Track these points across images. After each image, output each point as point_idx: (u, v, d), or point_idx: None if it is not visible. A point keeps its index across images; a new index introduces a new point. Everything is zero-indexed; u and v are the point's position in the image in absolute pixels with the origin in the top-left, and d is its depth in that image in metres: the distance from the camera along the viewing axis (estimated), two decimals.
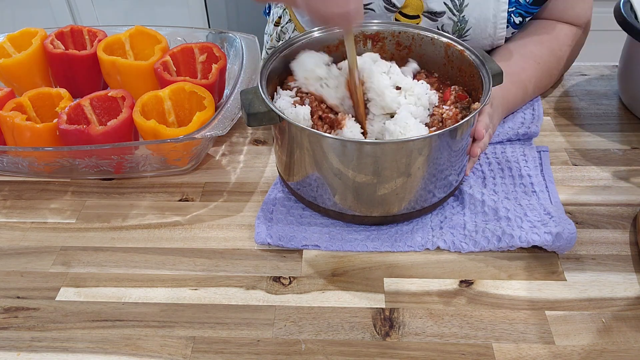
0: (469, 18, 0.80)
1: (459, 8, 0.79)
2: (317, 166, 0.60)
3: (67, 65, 0.81)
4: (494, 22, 0.80)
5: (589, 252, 0.62)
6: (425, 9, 0.80)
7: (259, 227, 0.64)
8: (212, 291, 0.59)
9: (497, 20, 0.80)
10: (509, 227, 0.61)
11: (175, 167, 0.74)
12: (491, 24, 0.80)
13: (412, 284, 0.59)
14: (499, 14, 0.79)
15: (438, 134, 0.56)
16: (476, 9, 0.79)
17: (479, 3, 0.79)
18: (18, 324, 0.57)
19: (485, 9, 0.79)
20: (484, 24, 0.80)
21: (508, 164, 0.71)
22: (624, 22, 0.75)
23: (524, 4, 0.81)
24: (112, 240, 0.66)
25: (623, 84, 0.84)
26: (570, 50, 0.86)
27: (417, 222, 0.65)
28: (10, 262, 0.63)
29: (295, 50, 0.69)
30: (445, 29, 0.81)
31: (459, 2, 0.78)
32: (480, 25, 0.80)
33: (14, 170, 0.74)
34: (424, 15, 0.81)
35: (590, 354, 0.52)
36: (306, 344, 0.54)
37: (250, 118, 0.58)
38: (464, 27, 0.80)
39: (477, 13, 0.79)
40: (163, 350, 0.54)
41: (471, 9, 0.79)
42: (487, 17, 0.79)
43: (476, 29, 0.81)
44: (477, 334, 0.54)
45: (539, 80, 0.82)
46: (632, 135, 0.79)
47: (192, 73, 0.82)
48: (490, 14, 0.79)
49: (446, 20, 0.80)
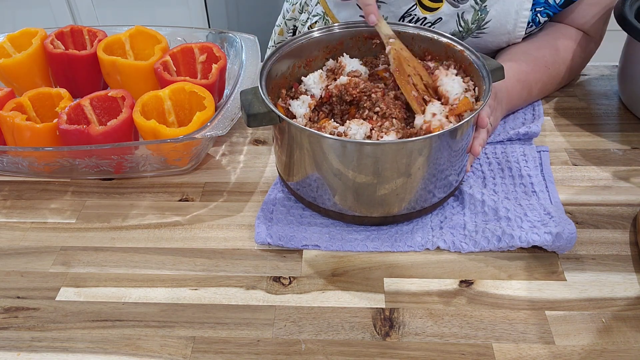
0: (490, 9, 0.79)
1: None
2: (317, 166, 0.59)
3: (67, 65, 0.81)
4: (515, 19, 0.79)
5: (589, 252, 0.62)
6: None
7: (259, 227, 0.64)
8: (212, 291, 0.59)
9: (518, 18, 0.79)
10: (509, 227, 0.61)
11: (175, 167, 0.74)
12: (512, 20, 0.79)
13: (412, 284, 0.59)
14: (521, 12, 0.78)
15: (438, 134, 0.56)
16: (499, 1, 0.78)
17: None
18: (18, 324, 0.57)
19: (508, 4, 0.78)
20: (505, 18, 0.79)
21: (508, 164, 0.71)
22: (624, 22, 0.75)
23: (554, 4, 0.80)
24: (112, 240, 0.66)
25: (623, 84, 0.84)
26: (582, 60, 0.86)
27: (417, 222, 0.65)
28: (10, 262, 0.64)
29: (295, 51, 0.69)
30: (464, 17, 0.81)
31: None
32: (501, 20, 0.79)
33: (14, 170, 0.74)
34: (447, 1, 0.80)
35: (590, 354, 0.52)
36: (306, 344, 0.54)
37: (250, 119, 0.58)
38: (484, 17, 0.79)
39: (500, 6, 0.78)
40: (163, 350, 0.54)
41: (494, 1, 0.78)
42: (509, 12, 0.79)
43: (495, 23, 0.80)
44: (477, 334, 0.54)
45: (544, 85, 0.82)
46: (632, 135, 0.79)
47: (192, 73, 0.82)
48: (513, 9, 0.78)
49: (468, 7, 0.79)
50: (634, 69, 0.79)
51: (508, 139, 0.76)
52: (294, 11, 1.04)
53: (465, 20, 0.81)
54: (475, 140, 0.64)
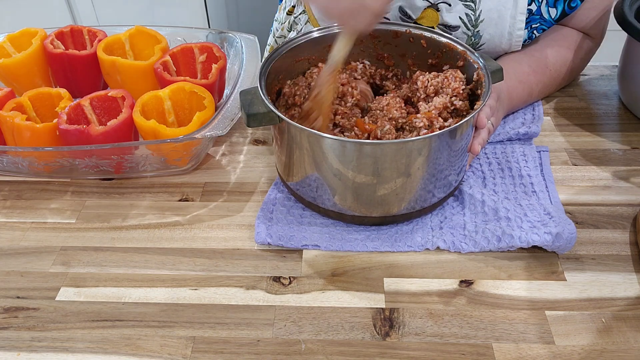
0: (484, 34, 0.78)
1: (474, 23, 0.77)
2: (316, 167, 0.59)
3: (67, 65, 0.81)
4: (509, 40, 0.78)
5: (589, 252, 0.62)
6: (440, 22, 0.79)
7: (259, 227, 0.64)
8: (212, 291, 0.59)
9: (512, 38, 0.78)
10: (508, 227, 0.61)
11: (175, 167, 0.74)
12: (506, 40, 0.79)
13: (412, 284, 0.59)
14: (515, 32, 0.77)
15: (438, 134, 0.56)
16: (491, 25, 0.77)
17: (494, 19, 0.77)
18: (18, 324, 0.57)
19: (500, 27, 0.77)
20: (499, 40, 0.79)
21: (508, 164, 0.71)
22: (624, 22, 0.75)
23: (549, 19, 0.79)
24: (112, 240, 0.66)
25: (623, 84, 0.84)
26: (582, 61, 0.86)
27: (417, 222, 0.65)
28: (10, 262, 0.63)
29: (295, 51, 0.69)
30: None
31: (474, 17, 0.77)
32: (495, 42, 0.79)
33: (14, 170, 0.74)
34: (439, 28, 0.79)
35: (590, 354, 0.52)
36: (306, 344, 0.54)
37: (249, 119, 0.58)
38: (477, 41, 0.79)
39: (492, 29, 0.78)
40: (163, 350, 0.54)
41: (486, 25, 0.77)
42: (502, 34, 0.78)
43: (490, 44, 0.80)
44: (477, 334, 0.54)
45: (545, 86, 0.82)
46: (632, 135, 0.79)
47: (192, 73, 0.82)
48: (506, 31, 0.78)
49: (460, 34, 0.79)
50: (634, 69, 0.79)
51: (508, 139, 0.76)
52: (282, 29, 1.04)
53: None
54: (475, 140, 0.64)
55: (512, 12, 0.76)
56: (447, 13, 0.78)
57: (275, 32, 1.08)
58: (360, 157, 0.56)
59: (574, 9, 0.79)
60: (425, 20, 0.79)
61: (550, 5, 0.78)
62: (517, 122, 0.79)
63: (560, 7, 0.78)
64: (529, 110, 0.82)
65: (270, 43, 1.11)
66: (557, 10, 0.78)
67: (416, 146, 0.56)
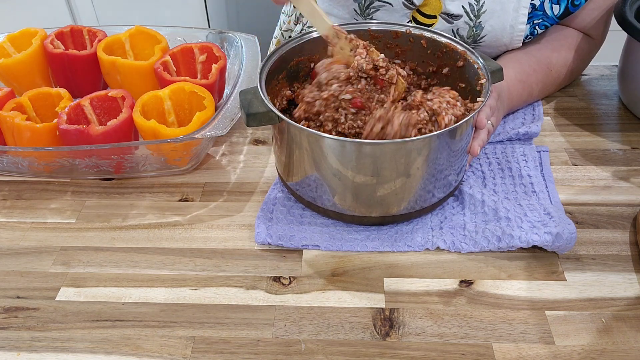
0: (485, 25, 0.78)
1: (476, 13, 0.77)
2: (316, 167, 0.59)
3: (67, 65, 0.81)
4: (510, 33, 0.78)
5: (589, 252, 0.62)
6: (443, 10, 0.79)
7: (259, 227, 0.64)
8: (212, 291, 0.59)
9: (514, 32, 0.78)
10: (508, 228, 0.61)
11: (175, 167, 0.74)
12: (507, 34, 0.79)
13: (412, 284, 0.59)
14: (517, 26, 0.78)
15: (437, 134, 0.56)
16: (493, 16, 0.78)
17: (497, 11, 0.77)
18: (18, 324, 0.57)
19: (503, 19, 0.78)
20: (500, 33, 0.79)
21: (508, 164, 0.71)
22: (624, 22, 0.75)
23: (552, 16, 0.79)
24: (112, 240, 0.66)
25: (623, 84, 0.84)
26: (583, 62, 0.86)
27: (416, 222, 0.65)
28: (10, 262, 0.64)
29: (295, 51, 0.69)
30: (460, 33, 0.81)
31: (477, 7, 0.77)
32: (496, 34, 0.79)
33: (14, 170, 0.74)
34: (441, 17, 0.79)
35: (590, 354, 0.52)
36: (306, 344, 0.54)
37: (249, 118, 0.58)
38: (479, 33, 0.79)
39: (494, 21, 0.78)
40: (163, 350, 0.54)
41: (488, 16, 0.78)
42: (504, 27, 0.78)
43: (491, 37, 0.79)
44: (477, 334, 0.54)
45: (545, 86, 0.82)
46: (632, 135, 0.79)
47: (192, 73, 0.82)
48: (508, 24, 0.78)
49: (462, 24, 0.79)
50: (634, 69, 0.79)
51: (508, 139, 0.76)
52: (289, 22, 1.04)
53: (460, 35, 0.81)
54: (474, 141, 0.64)
55: (515, 5, 0.76)
56: (450, 1, 0.78)
57: (282, 25, 1.08)
58: (359, 157, 0.56)
59: (578, 7, 0.79)
60: (428, 7, 0.79)
61: (554, 2, 0.78)
62: (517, 122, 0.79)
63: (563, 4, 0.78)
64: (529, 110, 0.82)
65: (276, 36, 1.11)
66: (561, 7, 0.78)
67: (416, 146, 0.56)
